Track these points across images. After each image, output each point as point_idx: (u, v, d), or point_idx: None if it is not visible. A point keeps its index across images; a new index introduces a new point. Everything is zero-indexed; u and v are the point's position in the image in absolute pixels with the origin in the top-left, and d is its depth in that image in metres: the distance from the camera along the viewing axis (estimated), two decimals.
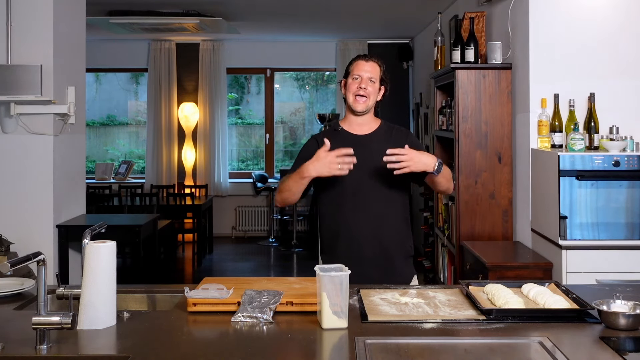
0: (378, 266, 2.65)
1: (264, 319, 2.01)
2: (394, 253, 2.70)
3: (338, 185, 2.65)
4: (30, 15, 4.34)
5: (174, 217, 7.44)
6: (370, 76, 2.70)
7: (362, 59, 2.74)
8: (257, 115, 9.73)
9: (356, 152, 2.60)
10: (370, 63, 2.72)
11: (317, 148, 2.61)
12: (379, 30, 8.47)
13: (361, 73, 2.70)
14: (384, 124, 2.82)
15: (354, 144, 2.65)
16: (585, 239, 3.38)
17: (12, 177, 4.37)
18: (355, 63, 2.74)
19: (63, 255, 4.52)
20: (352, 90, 2.71)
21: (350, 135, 2.74)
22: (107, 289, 1.99)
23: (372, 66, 2.72)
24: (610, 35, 3.90)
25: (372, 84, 2.70)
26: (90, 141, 9.54)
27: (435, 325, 1.99)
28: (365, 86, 2.69)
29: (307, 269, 7.06)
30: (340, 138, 2.71)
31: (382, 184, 2.66)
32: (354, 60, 2.77)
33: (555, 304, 2.09)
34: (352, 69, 2.73)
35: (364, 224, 2.64)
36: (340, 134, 2.76)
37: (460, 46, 4.42)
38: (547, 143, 3.82)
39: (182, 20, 7.00)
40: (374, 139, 2.74)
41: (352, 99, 2.71)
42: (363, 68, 2.70)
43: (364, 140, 2.73)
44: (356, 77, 2.70)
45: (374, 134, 2.76)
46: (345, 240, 2.67)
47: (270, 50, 9.22)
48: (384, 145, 2.64)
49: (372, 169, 2.65)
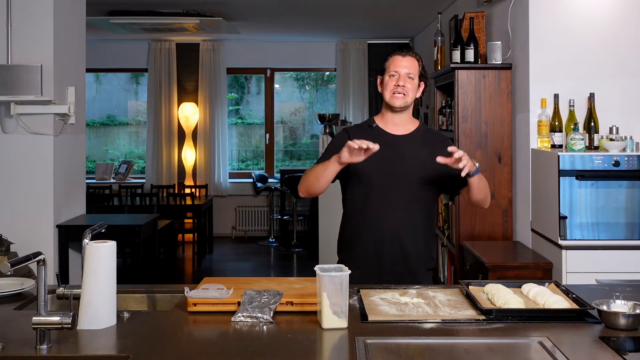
0: (396, 273, 2.54)
1: (264, 319, 2.01)
2: (414, 262, 2.57)
3: (365, 185, 2.55)
4: (30, 15, 4.34)
5: (174, 217, 7.44)
6: (408, 72, 2.55)
7: (399, 54, 2.58)
8: (257, 115, 9.73)
9: (388, 152, 2.52)
10: (408, 58, 2.57)
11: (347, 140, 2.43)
12: (379, 30, 8.47)
13: (398, 69, 2.55)
14: (423, 126, 2.68)
15: (387, 143, 2.53)
16: (585, 239, 3.38)
17: (12, 177, 4.37)
18: (392, 58, 2.59)
19: (63, 255, 4.52)
20: (390, 87, 2.56)
21: (384, 134, 2.60)
22: (107, 289, 1.99)
23: (410, 61, 2.57)
24: (610, 35, 3.90)
25: (411, 80, 2.56)
26: (90, 141, 9.54)
27: (435, 325, 1.99)
28: (403, 83, 2.54)
29: (307, 269, 7.06)
30: (373, 135, 2.56)
31: (411, 188, 2.55)
32: (390, 55, 2.61)
33: (555, 304, 2.09)
34: (389, 65, 2.58)
35: (387, 228, 2.53)
36: (374, 130, 2.62)
37: (460, 46, 4.42)
38: (547, 143, 3.82)
39: (182, 20, 7.00)
40: (409, 140, 2.60)
41: (389, 96, 2.57)
42: (400, 64, 2.56)
43: (398, 141, 2.59)
44: (393, 74, 2.56)
45: (410, 135, 2.62)
46: (364, 242, 2.56)
47: (270, 50, 9.22)
48: (418, 149, 2.56)
49: (402, 172, 2.54)
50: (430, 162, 2.46)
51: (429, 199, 2.62)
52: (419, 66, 2.60)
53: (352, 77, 9.08)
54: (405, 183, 2.54)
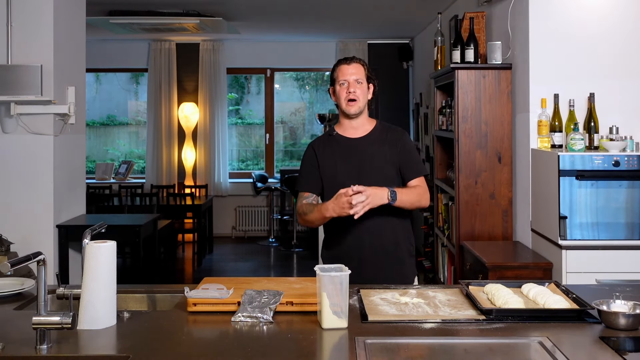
0: (379, 266, 2.68)
1: (264, 319, 2.01)
2: (394, 253, 2.72)
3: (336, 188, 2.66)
4: (30, 15, 4.34)
5: (174, 217, 7.44)
6: (356, 78, 2.71)
7: (344, 63, 2.74)
8: (257, 115, 9.72)
9: (352, 155, 2.71)
10: (353, 65, 2.73)
11: (313, 155, 2.75)
12: (379, 30, 8.47)
13: (347, 77, 2.71)
14: (379, 124, 2.82)
15: (348, 148, 2.73)
16: (585, 239, 3.38)
17: (12, 177, 4.37)
18: (338, 68, 2.74)
19: (63, 255, 4.52)
20: (342, 96, 2.72)
21: (344, 140, 2.77)
22: (107, 289, 1.99)
23: (355, 68, 2.72)
24: (610, 35, 3.90)
25: (360, 85, 2.72)
26: (90, 141, 9.54)
27: (435, 325, 1.99)
28: (353, 89, 2.70)
29: (307, 269, 7.06)
30: (335, 143, 2.77)
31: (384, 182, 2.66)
32: (336, 66, 2.77)
33: (555, 304, 2.09)
34: (337, 75, 2.74)
35: (364, 226, 2.66)
36: (335, 138, 2.79)
37: (460, 46, 4.42)
38: (547, 143, 3.81)
39: (182, 20, 7.00)
40: (369, 141, 2.76)
41: (344, 104, 2.72)
42: (347, 72, 2.71)
43: (359, 143, 2.75)
44: (343, 83, 2.71)
45: (368, 136, 2.78)
46: (346, 240, 2.70)
47: (270, 50, 9.22)
48: (379, 147, 2.73)
49: (368, 171, 2.69)
50: (391, 157, 2.71)
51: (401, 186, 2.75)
52: (365, 70, 2.76)
53: None
54: (373, 181, 2.65)
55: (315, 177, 2.76)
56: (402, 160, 2.74)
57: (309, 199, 2.75)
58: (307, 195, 2.76)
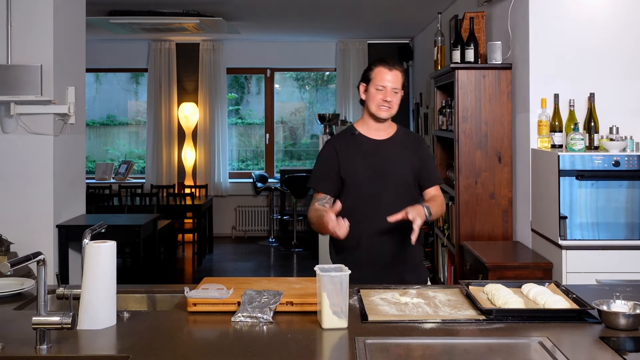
0: (393, 269, 2.66)
1: (264, 319, 2.01)
2: (408, 256, 2.70)
3: (357, 188, 2.65)
4: (30, 15, 4.34)
5: (174, 217, 7.44)
6: (394, 87, 2.64)
7: (385, 67, 2.65)
8: (257, 115, 9.72)
9: (374, 157, 2.67)
10: (394, 72, 2.65)
11: (334, 155, 2.68)
12: (379, 30, 8.47)
13: (385, 84, 2.63)
14: (400, 129, 2.79)
15: (371, 148, 2.69)
16: (585, 239, 3.38)
17: (12, 177, 4.37)
18: (378, 70, 2.66)
19: (63, 255, 4.52)
20: (376, 100, 2.65)
21: (368, 140, 2.72)
22: (107, 289, 1.99)
23: (395, 75, 2.65)
24: (611, 35, 3.90)
25: (396, 94, 2.66)
26: (90, 141, 9.54)
27: (435, 325, 1.99)
28: (390, 98, 2.64)
29: (307, 269, 7.06)
30: (357, 142, 2.72)
31: (398, 188, 2.66)
32: (375, 65, 2.68)
33: (555, 304, 2.09)
34: (374, 77, 2.66)
35: (380, 229, 2.62)
36: (357, 138, 2.73)
37: (460, 46, 4.42)
38: (547, 143, 3.81)
39: (182, 20, 7.00)
40: (391, 144, 2.73)
41: (375, 108, 2.66)
42: (386, 78, 2.63)
43: (382, 145, 2.71)
44: (380, 88, 2.64)
45: (391, 139, 2.74)
46: (361, 243, 2.65)
47: (270, 50, 9.22)
48: (400, 151, 2.71)
49: (389, 174, 2.66)
50: (411, 162, 2.71)
51: (414, 195, 2.73)
52: (402, 78, 2.69)
53: (352, 77, 9.07)
54: (393, 184, 2.66)
55: (332, 179, 2.69)
56: (421, 167, 2.73)
57: (322, 200, 2.69)
58: (321, 196, 2.70)
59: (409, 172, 2.70)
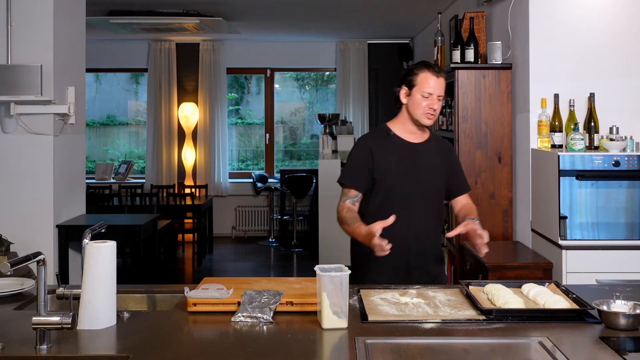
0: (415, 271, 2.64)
1: (264, 319, 2.01)
2: (431, 259, 2.70)
3: (387, 189, 2.63)
4: (30, 15, 4.34)
5: (174, 217, 7.43)
6: (439, 94, 2.61)
7: (433, 74, 2.59)
8: (257, 115, 9.72)
9: (408, 159, 2.66)
10: (441, 80, 2.61)
11: (369, 153, 2.64)
12: (379, 30, 8.47)
13: (432, 91, 2.59)
14: (433, 134, 2.79)
15: (406, 151, 2.68)
16: (585, 239, 3.38)
17: (12, 177, 4.37)
18: (424, 76, 2.60)
19: (63, 255, 4.52)
20: (422, 108, 2.61)
21: (402, 142, 2.70)
22: (107, 289, 1.99)
23: (441, 83, 2.61)
24: (611, 35, 3.90)
25: (440, 102, 2.63)
26: (90, 141, 9.54)
27: (435, 325, 1.99)
28: (436, 107, 2.61)
29: (307, 269, 7.05)
30: (392, 143, 2.69)
31: (426, 192, 2.66)
32: (420, 70, 2.61)
33: (555, 304, 2.09)
34: (420, 83, 2.60)
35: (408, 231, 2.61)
36: (392, 139, 2.70)
37: (460, 46, 4.42)
38: (547, 143, 3.81)
39: (182, 20, 7.00)
40: (425, 148, 2.71)
41: (421, 116, 2.62)
42: (433, 85, 2.59)
43: (416, 149, 2.70)
44: (426, 95, 2.59)
45: (425, 143, 2.72)
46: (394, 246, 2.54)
47: (270, 50, 9.22)
48: (432, 157, 2.70)
49: (420, 177, 2.65)
50: (442, 169, 2.70)
51: (441, 201, 2.76)
52: (445, 84, 2.65)
53: (352, 77, 9.08)
54: (423, 188, 2.65)
55: (365, 176, 2.65)
56: (451, 174, 2.74)
57: (354, 198, 2.65)
58: (352, 193, 2.65)
59: (439, 178, 2.70)
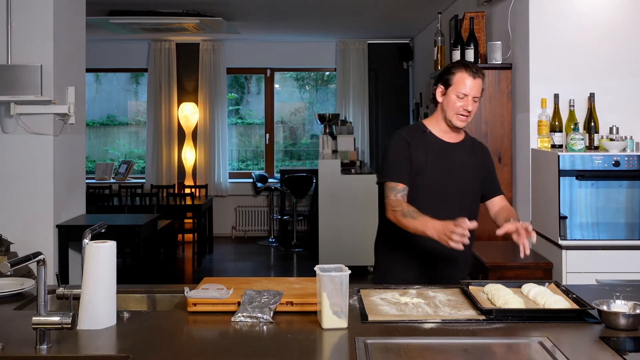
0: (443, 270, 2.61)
1: (264, 319, 2.01)
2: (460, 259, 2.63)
3: (420, 186, 2.58)
4: (30, 15, 4.34)
5: (174, 217, 7.43)
6: (475, 95, 2.55)
7: (470, 75, 2.53)
8: (257, 115, 9.72)
9: (443, 157, 2.61)
10: (478, 81, 2.54)
11: (407, 146, 2.58)
12: (379, 30, 8.47)
13: (467, 92, 2.53)
14: (468, 136, 2.76)
15: (441, 150, 2.63)
16: (585, 239, 3.38)
17: (12, 177, 4.37)
18: (461, 76, 2.54)
19: (63, 255, 4.52)
20: (455, 109, 2.56)
21: (438, 140, 2.65)
22: (107, 289, 1.99)
23: (478, 84, 2.54)
24: (611, 35, 3.90)
25: (475, 103, 2.57)
26: (90, 141, 9.54)
27: (435, 325, 1.99)
28: (471, 109, 2.55)
29: (307, 269, 7.05)
30: (428, 141, 2.64)
31: (459, 193, 2.61)
32: (457, 70, 2.56)
33: (555, 304, 2.09)
34: (456, 83, 2.55)
35: None
36: (427, 136, 2.65)
37: (460, 46, 4.42)
38: (547, 143, 3.81)
39: (182, 20, 7.00)
40: (460, 149, 2.67)
41: (452, 115, 2.57)
42: (470, 86, 2.53)
43: (451, 149, 2.65)
44: (461, 96, 2.54)
45: (460, 144, 2.68)
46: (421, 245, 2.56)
47: (270, 50, 9.22)
48: (467, 157, 2.66)
49: (454, 178, 2.61)
50: (477, 170, 2.67)
51: (475, 203, 2.70)
52: (482, 85, 2.59)
53: (352, 77, 9.08)
54: (456, 189, 2.61)
55: (408, 168, 2.57)
56: (486, 176, 2.70)
57: (403, 192, 2.55)
58: (401, 187, 2.55)
59: (473, 180, 2.66)
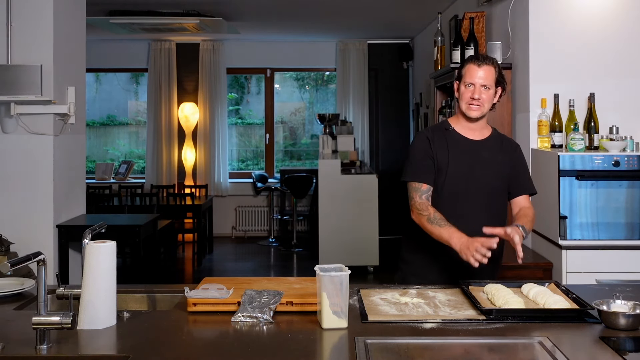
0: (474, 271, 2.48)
1: (264, 319, 2.01)
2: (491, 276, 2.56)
3: (443, 185, 2.55)
4: (30, 15, 4.34)
5: (174, 217, 7.43)
6: (483, 83, 2.53)
7: (475, 64, 2.54)
8: (257, 115, 9.72)
9: (466, 155, 2.57)
10: (484, 67, 2.53)
11: (429, 145, 2.57)
12: (379, 30, 8.47)
13: (474, 80, 2.53)
14: (495, 132, 2.71)
15: (464, 147, 2.60)
16: (585, 239, 3.38)
17: (12, 177, 4.37)
18: (467, 67, 2.56)
19: (63, 255, 4.52)
20: (465, 98, 2.55)
21: (462, 138, 2.62)
22: (107, 289, 1.99)
23: (485, 71, 2.53)
24: (611, 35, 3.90)
25: (487, 90, 2.54)
26: (90, 141, 9.54)
27: (435, 325, 1.99)
28: (478, 96, 2.53)
29: (307, 269, 7.06)
30: (451, 139, 2.61)
31: (483, 191, 2.57)
32: (465, 62, 2.58)
33: (555, 304, 2.09)
34: (464, 74, 2.56)
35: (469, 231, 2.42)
36: (451, 134, 2.63)
37: (460, 46, 4.42)
38: (547, 143, 3.81)
39: (182, 20, 7.00)
40: (486, 146, 2.62)
41: (465, 106, 2.57)
42: (476, 74, 2.53)
43: (476, 146, 2.61)
44: (469, 85, 2.54)
45: (486, 141, 2.64)
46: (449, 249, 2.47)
47: (270, 50, 9.22)
48: (494, 155, 2.61)
49: (478, 176, 2.57)
50: (503, 168, 2.61)
51: (501, 201, 2.64)
52: (495, 73, 2.56)
53: (352, 77, 9.08)
54: (480, 187, 2.57)
55: (431, 168, 2.56)
56: (513, 174, 2.64)
57: (427, 192, 2.54)
58: (425, 187, 2.54)
59: (498, 178, 2.60)
